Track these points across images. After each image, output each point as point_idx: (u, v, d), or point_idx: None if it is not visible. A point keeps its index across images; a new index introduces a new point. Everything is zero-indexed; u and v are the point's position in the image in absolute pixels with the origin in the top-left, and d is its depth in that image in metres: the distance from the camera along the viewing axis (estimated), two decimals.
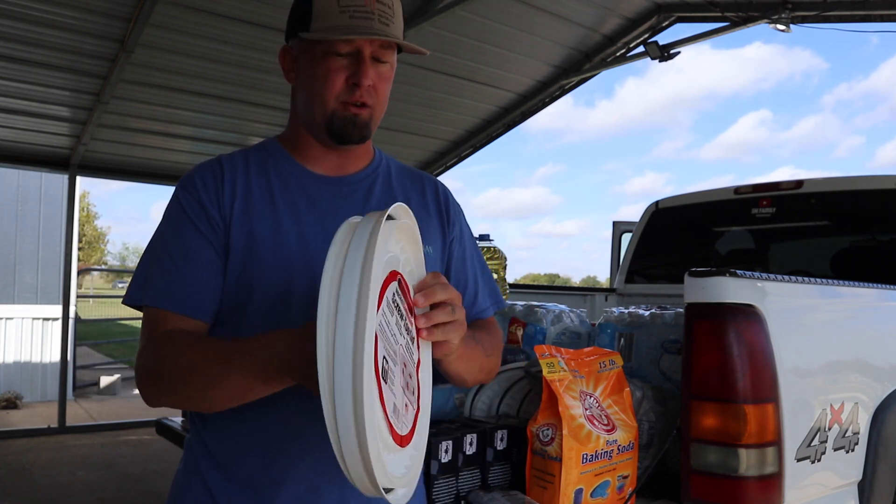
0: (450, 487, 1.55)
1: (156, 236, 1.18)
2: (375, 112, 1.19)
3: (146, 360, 1.09)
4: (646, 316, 2.03)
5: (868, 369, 1.97)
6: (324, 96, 1.16)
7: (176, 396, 1.06)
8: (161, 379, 1.06)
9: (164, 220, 1.18)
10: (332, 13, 1.12)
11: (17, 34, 5.13)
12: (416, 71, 6.60)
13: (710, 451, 1.55)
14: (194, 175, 1.19)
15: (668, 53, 6.59)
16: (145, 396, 1.10)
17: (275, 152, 1.25)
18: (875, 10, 5.79)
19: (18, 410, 8.31)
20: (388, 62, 1.19)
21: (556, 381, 1.56)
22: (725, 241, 3.70)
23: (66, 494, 5.04)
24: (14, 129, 6.45)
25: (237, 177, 1.19)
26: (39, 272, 9.24)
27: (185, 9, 5.21)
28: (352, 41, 1.13)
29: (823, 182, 3.35)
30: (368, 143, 1.29)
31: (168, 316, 1.11)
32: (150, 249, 1.18)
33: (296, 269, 1.15)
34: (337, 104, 1.16)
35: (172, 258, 1.13)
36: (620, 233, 5.02)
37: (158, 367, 1.07)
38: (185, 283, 1.12)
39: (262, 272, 1.14)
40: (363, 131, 1.18)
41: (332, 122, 1.17)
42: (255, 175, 1.20)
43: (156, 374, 1.07)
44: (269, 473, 1.14)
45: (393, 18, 1.16)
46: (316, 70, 1.16)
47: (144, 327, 1.13)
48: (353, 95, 1.15)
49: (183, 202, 1.16)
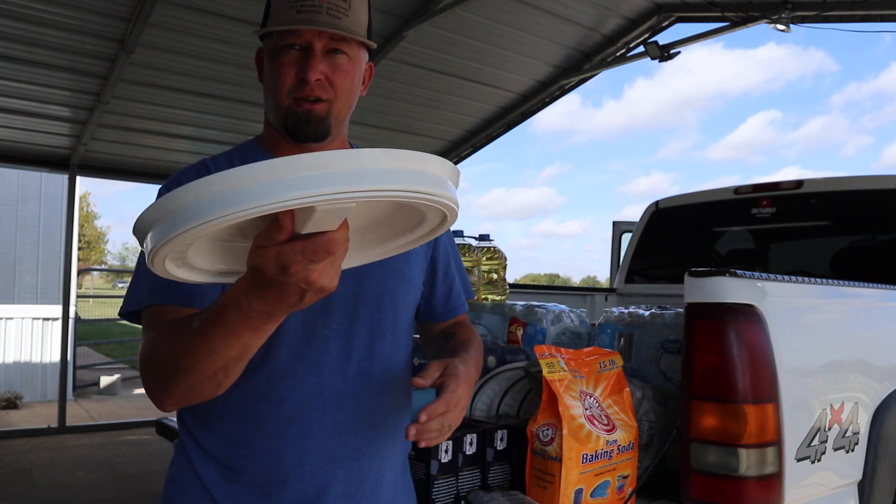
0: (450, 487, 1.55)
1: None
2: (334, 106, 1.16)
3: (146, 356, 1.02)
4: (646, 316, 2.03)
5: (868, 369, 1.97)
6: (277, 92, 1.15)
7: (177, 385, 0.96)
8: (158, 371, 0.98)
9: None
10: (282, 10, 1.13)
11: (17, 34, 5.13)
12: (416, 71, 6.60)
13: (710, 451, 1.55)
14: (181, 178, 1.16)
15: (668, 53, 6.59)
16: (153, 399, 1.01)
17: (255, 152, 1.25)
18: (875, 10, 5.80)
19: (18, 410, 8.31)
20: (346, 54, 1.15)
21: (556, 381, 1.56)
22: (725, 241, 3.69)
23: (66, 494, 5.04)
24: (14, 129, 6.45)
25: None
26: (39, 272, 9.24)
27: (185, 9, 5.21)
28: (300, 34, 1.12)
29: (823, 182, 3.35)
30: (344, 139, 1.27)
31: (171, 310, 1.08)
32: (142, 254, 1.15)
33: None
34: (290, 100, 1.15)
35: None
36: (620, 233, 5.02)
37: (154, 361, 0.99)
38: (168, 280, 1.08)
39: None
40: (319, 127, 1.15)
41: (287, 119, 1.16)
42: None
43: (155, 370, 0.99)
44: (273, 472, 1.13)
45: (348, 11, 1.14)
46: (271, 67, 1.17)
47: (144, 329, 1.10)
48: (302, 90, 1.13)
49: None
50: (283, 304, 0.79)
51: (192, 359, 0.90)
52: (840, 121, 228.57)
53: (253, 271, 0.77)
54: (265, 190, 0.65)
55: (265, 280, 0.76)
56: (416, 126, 7.73)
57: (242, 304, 0.80)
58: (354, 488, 1.17)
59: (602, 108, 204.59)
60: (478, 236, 2.39)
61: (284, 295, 0.77)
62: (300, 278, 0.75)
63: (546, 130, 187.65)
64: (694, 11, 6.76)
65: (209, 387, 0.95)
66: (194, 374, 0.92)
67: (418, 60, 6.50)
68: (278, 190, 0.65)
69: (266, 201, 0.65)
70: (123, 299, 1.16)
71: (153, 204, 0.71)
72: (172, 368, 0.94)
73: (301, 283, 0.75)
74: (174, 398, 0.99)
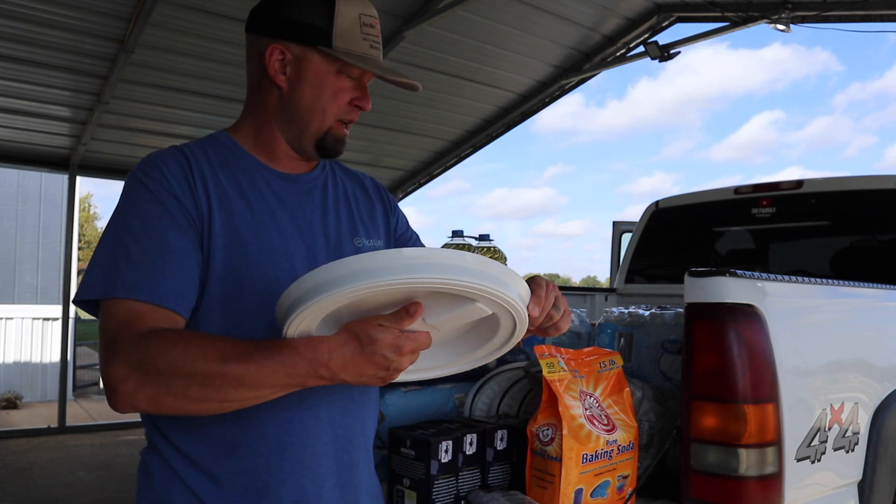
0: (450, 487, 1.55)
1: (117, 224, 1.09)
2: None
3: (139, 358, 0.97)
4: (646, 316, 2.03)
5: (868, 369, 1.97)
6: (327, 112, 1.19)
7: (183, 400, 0.97)
8: (169, 380, 0.96)
9: (130, 207, 1.10)
10: (355, 37, 1.17)
11: (17, 34, 5.13)
12: (416, 71, 6.60)
13: (710, 451, 1.55)
14: (159, 163, 1.13)
15: (668, 53, 6.59)
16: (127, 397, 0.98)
17: (232, 147, 1.22)
18: (875, 10, 5.80)
19: (18, 410, 8.32)
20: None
21: (556, 381, 1.56)
22: (725, 241, 3.69)
23: (66, 494, 5.04)
24: (14, 129, 6.45)
25: (204, 170, 1.15)
26: (39, 272, 9.25)
27: (185, 9, 5.21)
28: (368, 74, 1.20)
29: (823, 182, 3.34)
30: None
31: (150, 310, 1.03)
32: (115, 239, 1.07)
33: (280, 265, 1.15)
34: (334, 121, 1.20)
35: (146, 249, 1.05)
36: (620, 233, 5.02)
37: (166, 367, 0.96)
38: (164, 274, 1.05)
39: (250, 269, 1.13)
40: (343, 148, 1.25)
41: (326, 138, 1.21)
42: (220, 168, 1.17)
43: (158, 374, 0.96)
44: (272, 471, 1.13)
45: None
46: (325, 85, 1.18)
47: (113, 321, 1.02)
48: (351, 115, 1.21)
49: (154, 190, 1.10)
50: (359, 373, 0.93)
51: (218, 382, 0.94)
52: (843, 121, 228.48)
53: (360, 339, 0.92)
54: (454, 269, 0.87)
55: (366, 351, 0.91)
56: (416, 126, 7.73)
57: (321, 359, 0.93)
58: (345, 479, 1.20)
59: (605, 108, 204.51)
60: (478, 236, 2.40)
61: (367, 368, 0.93)
62: (399, 361, 0.93)
63: (549, 130, 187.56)
64: (694, 11, 6.76)
65: (210, 409, 0.99)
66: (209, 395, 0.96)
67: (418, 60, 6.50)
68: (464, 273, 0.88)
69: (453, 277, 0.87)
70: (82, 283, 1.08)
71: (373, 255, 0.88)
72: (181, 382, 0.95)
73: (393, 365, 0.93)
74: (157, 404, 0.98)
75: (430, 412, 1.85)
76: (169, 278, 1.05)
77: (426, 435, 1.55)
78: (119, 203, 1.12)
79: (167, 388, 0.96)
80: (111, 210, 1.15)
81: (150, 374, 0.97)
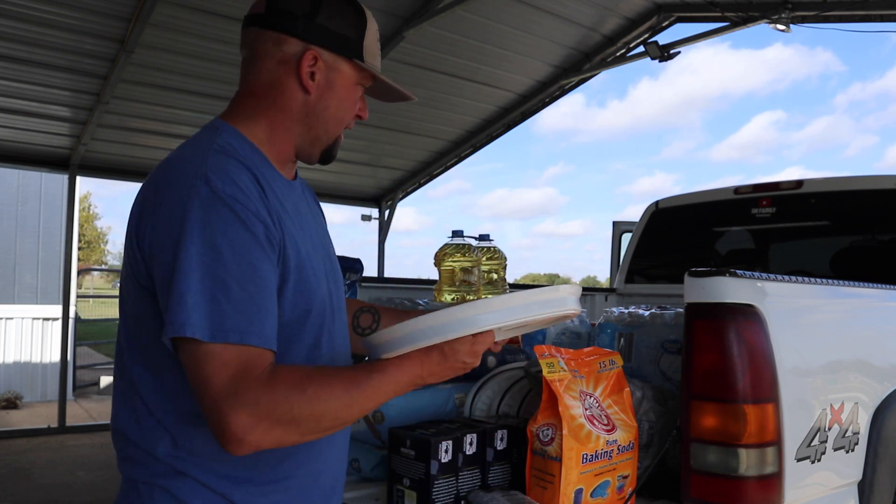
0: (450, 487, 1.55)
1: (204, 251, 0.99)
2: None
3: (270, 407, 0.97)
4: (646, 316, 2.03)
5: (868, 369, 1.97)
6: (342, 121, 1.23)
7: (306, 435, 1.04)
8: (300, 422, 1.00)
9: (214, 231, 1.00)
10: (375, 53, 1.25)
11: (17, 34, 5.13)
12: (416, 71, 6.60)
13: (710, 451, 1.55)
14: (233, 177, 1.04)
15: (668, 53, 6.59)
16: (254, 445, 0.98)
17: (254, 149, 1.15)
18: (875, 10, 5.80)
19: (18, 410, 8.32)
20: None
21: (556, 381, 1.56)
22: (725, 241, 3.69)
23: (66, 494, 5.04)
24: (14, 129, 6.46)
25: (263, 181, 1.09)
26: (39, 272, 9.24)
27: (185, 9, 5.21)
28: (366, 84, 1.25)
29: (823, 182, 3.34)
30: None
31: (260, 353, 1.00)
32: (206, 271, 0.99)
33: (321, 285, 1.18)
34: (341, 130, 1.25)
35: (244, 287, 1.00)
36: (620, 233, 5.02)
37: (300, 412, 0.99)
38: (265, 315, 1.02)
39: (313, 289, 1.14)
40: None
41: (333, 146, 1.24)
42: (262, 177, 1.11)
43: (292, 420, 0.99)
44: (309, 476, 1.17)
45: None
46: (349, 95, 1.22)
47: (227, 368, 0.98)
48: (351, 124, 1.26)
49: (237, 211, 1.02)
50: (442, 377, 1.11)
51: (345, 413, 1.04)
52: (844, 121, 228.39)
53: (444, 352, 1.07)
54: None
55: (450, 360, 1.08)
56: (416, 126, 7.73)
57: (418, 372, 1.08)
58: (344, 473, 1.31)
59: (606, 108, 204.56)
60: (478, 236, 2.39)
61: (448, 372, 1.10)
62: (474, 363, 1.11)
63: (549, 130, 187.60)
64: (694, 11, 6.77)
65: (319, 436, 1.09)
66: (332, 427, 1.06)
67: (418, 60, 6.50)
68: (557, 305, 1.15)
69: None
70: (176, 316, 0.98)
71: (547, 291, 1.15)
72: (313, 422, 1.02)
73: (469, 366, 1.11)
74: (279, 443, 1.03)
75: (430, 412, 1.86)
76: (268, 318, 1.03)
77: (426, 435, 1.55)
78: (195, 221, 1.00)
79: (296, 429, 1.01)
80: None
81: (283, 421, 0.99)
